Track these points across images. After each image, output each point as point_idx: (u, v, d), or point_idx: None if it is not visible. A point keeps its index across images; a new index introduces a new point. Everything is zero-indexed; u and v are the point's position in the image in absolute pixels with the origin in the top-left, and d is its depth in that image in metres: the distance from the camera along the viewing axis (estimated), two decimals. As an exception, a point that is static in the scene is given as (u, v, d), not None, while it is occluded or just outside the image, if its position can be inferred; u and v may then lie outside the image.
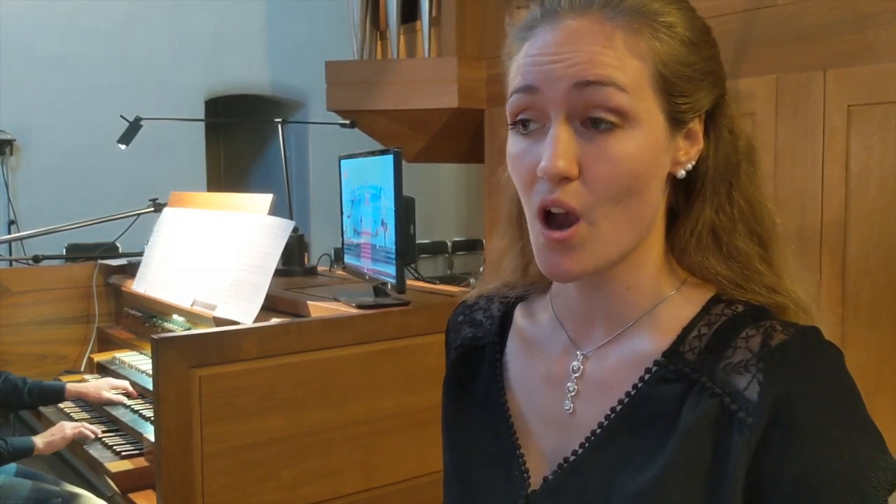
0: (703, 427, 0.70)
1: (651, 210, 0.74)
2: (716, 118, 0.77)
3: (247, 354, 1.89)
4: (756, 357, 0.70)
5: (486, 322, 0.91)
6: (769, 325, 0.72)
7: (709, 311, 0.75)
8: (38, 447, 2.39)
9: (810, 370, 0.70)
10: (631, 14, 0.71)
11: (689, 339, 0.74)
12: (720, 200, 0.77)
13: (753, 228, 0.78)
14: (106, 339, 3.26)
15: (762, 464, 0.68)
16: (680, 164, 0.75)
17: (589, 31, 0.70)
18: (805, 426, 0.68)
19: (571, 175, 0.69)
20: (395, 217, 2.11)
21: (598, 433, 0.77)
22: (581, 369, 0.80)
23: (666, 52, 0.71)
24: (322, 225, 6.42)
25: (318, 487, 1.99)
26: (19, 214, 5.46)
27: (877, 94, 3.19)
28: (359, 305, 2.15)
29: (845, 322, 3.30)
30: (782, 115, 3.49)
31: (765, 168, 3.16)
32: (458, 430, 0.89)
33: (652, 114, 0.71)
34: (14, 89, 5.47)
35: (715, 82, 0.76)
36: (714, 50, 0.77)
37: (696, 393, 0.72)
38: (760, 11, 3.54)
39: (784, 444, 0.68)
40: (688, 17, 0.74)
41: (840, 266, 3.30)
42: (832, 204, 3.32)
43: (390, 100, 4.03)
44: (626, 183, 0.70)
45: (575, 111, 0.70)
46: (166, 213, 3.14)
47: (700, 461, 0.70)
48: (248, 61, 6.49)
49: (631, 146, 0.69)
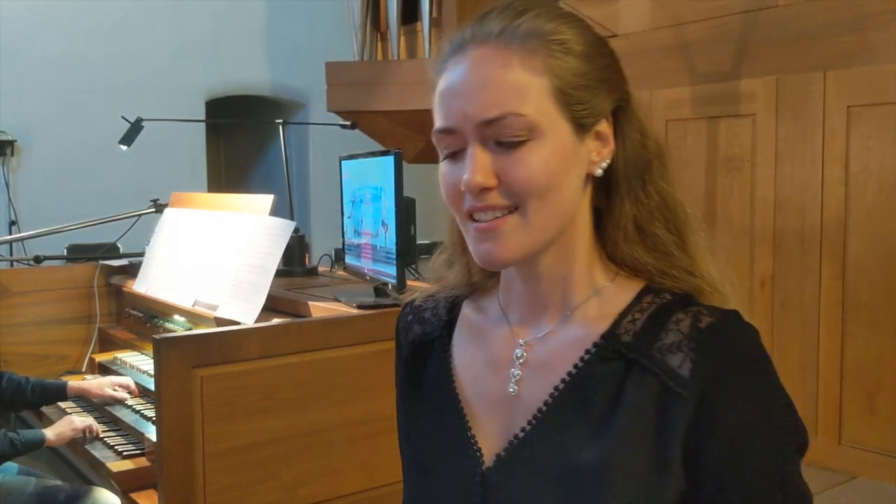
0: (647, 403, 0.79)
1: (570, 205, 0.83)
2: (621, 120, 0.86)
3: (248, 354, 1.89)
4: (687, 338, 0.79)
5: (433, 319, 1.00)
6: (696, 310, 0.81)
7: (641, 299, 0.85)
8: (49, 438, 2.39)
9: (735, 349, 0.79)
10: (526, 37, 0.80)
11: (625, 324, 0.83)
12: (637, 194, 0.86)
13: (668, 218, 0.87)
14: (107, 339, 3.27)
15: (696, 433, 0.77)
16: (595, 164, 0.85)
17: (490, 59, 0.80)
18: (732, 398, 0.77)
19: (490, 185, 0.80)
20: (396, 218, 2.11)
21: (543, 410, 0.85)
22: (524, 356, 0.88)
23: (560, 67, 0.81)
24: (323, 225, 6.42)
25: (318, 487, 2.00)
26: (20, 215, 5.46)
27: (876, 94, 3.19)
28: (359, 306, 2.16)
29: (845, 322, 3.31)
30: (782, 115, 3.49)
31: (765, 169, 3.17)
32: (414, 422, 0.97)
33: (555, 122, 0.80)
34: (15, 90, 5.47)
35: (612, 88, 0.84)
36: (609, 59, 0.85)
37: (638, 372, 0.81)
38: (761, 12, 3.55)
39: (714, 415, 0.77)
40: (580, 33, 0.83)
41: (840, 266, 3.30)
42: (832, 204, 3.33)
43: (391, 101, 4.03)
44: (543, 182, 0.80)
45: (487, 139, 0.80)
46: (167, 213, 3.14)
47: (646, 434, 0.79)
48: (248, 62, 6.49)
49: (540, 153, 0.79)
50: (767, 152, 3.53)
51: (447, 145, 0.83)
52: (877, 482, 3.16)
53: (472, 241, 0.83)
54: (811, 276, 3.39)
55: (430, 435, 0.93)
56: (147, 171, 5.58)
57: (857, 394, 3.25)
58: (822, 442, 3.30)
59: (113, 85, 5.76)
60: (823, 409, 3.31)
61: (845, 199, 3.28)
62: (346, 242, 2.52)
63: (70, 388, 2.66)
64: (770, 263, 3.51)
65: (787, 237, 3.47)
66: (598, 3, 4.08)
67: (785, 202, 3.47)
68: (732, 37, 3.64)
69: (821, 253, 3.36)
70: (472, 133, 0.80)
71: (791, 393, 0.81)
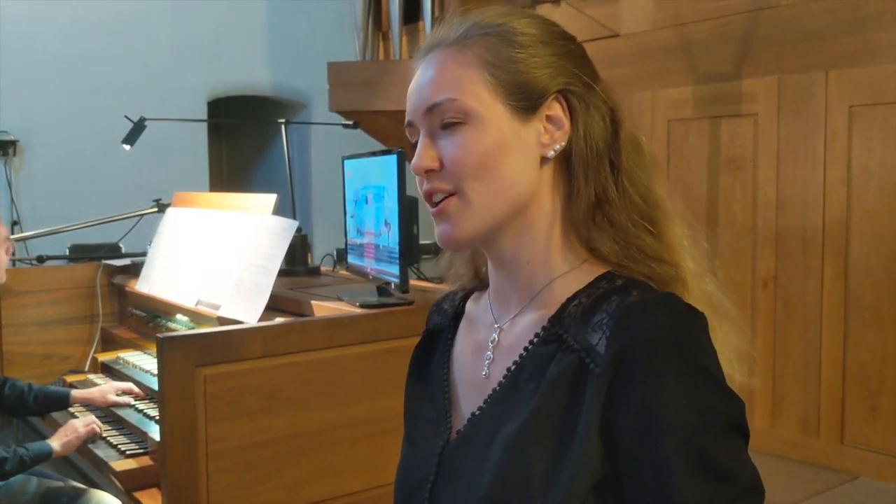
0: (563, 379, 0.82)
1: (515, 184, 0.87)
2: (575, 105, 0.89)
3: (251, 354, 1.90)
4: (609, 317, 0.81)
5: (449, 310, 1.06)
6: (629, 292, 0.83)
7: (593, 285, 0.87)
8: (56, 450, 2.36)
9: (650, 325, 0.78)
10: (465, 35, 0.89)
11: (570, 308, 0.86)
12: (599, 179, 0.88)
13: (637, 205, 0.89)
14: (110, 339, 3.27)
15: (611, 409, 0.78)
16: (546, 146, 0.88)
17: (437, 59, 0.90)
18: (641, 373, 0.77)
19: (432, 167, 0.88)
20: (399, 217, 2.12)
21: (496, 390, 0.89)
22: (496, 340, 0.93)
23: (493, 55, 0.87)
24: (325, 225, 6.43)
25: (321, 486, 2.00)
26: (23, 215, 5.46)
27: (878, 94, 3.19)
28: (362, 305, 2.16)
29: (847, 323, 3.31)
30: (784, 115, 3.49)
31: (767, 169, 3.17)
32: (413, 402, 1.04)
33: (490, 106, 0.86)
34: (16, 90, 5.48)
35: (557, 73, 0.88)
36: (557, 48, 0.90)
37: (563, 350, 0.84)
38: (763, 13, 3.55)
39: (625, 390, 0.78)
40: (526, 24, 0.89)
41: (842, 267, 3.30)
42: (834, 204, 3.33)
43: (392, 100, 4.04)
44: (476, 161, 0.86)
45: (433, 125, 0.89)
46: (169, 213, 3.15)
47: (556, 409, 0.81)
48: (250, 62, 6.49)
49: (474, 134, 0.86)
50: (769, 152, 3.53)
51: (412, 137, 0.92)
52: (879, 482, 3.16)
53: (434, 224, 0.90)
54: (813, 276, 3.39)
55: (420, 412, 1.00)
56: (149, 170, 5.58)
57: (859, 394, 3.24)
58: (824, 442, 3.30)
59: (115, 85, 5.77)
60: (826, 409, 3.31)
61: (847, 199, 3.28)
62: (348, 242, 2.52)
63: (73, 398, 2.65)
64: (772, 263, 3.51)
65: (789, 237, 3.47)
66: (600, 3, 4.08)
67: (787, 202, 3.47)
68: (734, 37, 3.64)
69: (823, 253, 3.36)
70: (422, 122, 0.90)
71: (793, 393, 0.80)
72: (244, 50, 6.43)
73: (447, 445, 0.92)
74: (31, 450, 2.33)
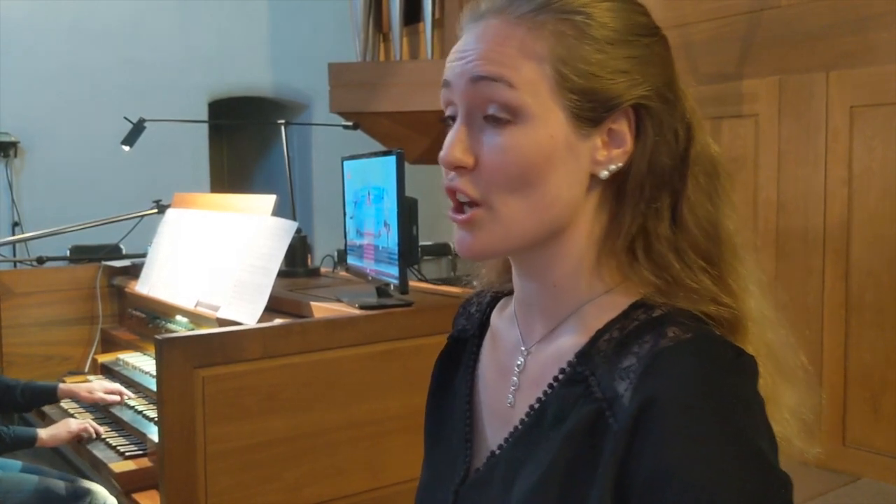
0: (581, 432, 0.70)
1: (557, 204, 0.74)
2: (644, 120, 0.75)
3: (250, 355, 1.89)
4: (639, 362, 0.69)
5: (475, 315, 0.95)
6: (664, 331, 0.70)
7: (627, 315, 0.74)
8: (42, 438, 2.38)
9: (682, 375, 0.66)
10: (540, 12, 0.73)
11: (600, 343, 0.73)
12: (658, 208, 0.75)
13: (696, 241, 0.75)
14: (110, 340, 3.27)
15: (627, 469, 0.66)
16: (600, 165, 0.74)
17: (494, 30, 0.74)
18: (663, 434, 0.64)
19: (464, 164, 0.74)
20: (398, 218, 2.11)
21: (518, 429, 0.78)
22: (523, 364, 0.82)
23: (566, 51, 0.72)
24: (325, 226, 6.43)
25: (321, 487, 1.99)
26: (23, 216, 5.47)
27: (879, 95, 3.19)
28: (362, 306, 2.15)
29: (849, 324, 3.30)
30: (785, 116, 3.49)
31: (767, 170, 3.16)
32: (434, 417, 0.93)
33: (548, 109, 0.72)
34: (18, 91, 5.48)
35: (633, 82, 0.74)
36: (641, 50, 0.75)
37: (586, 396, 0.71)
38: (764, 13, 3.54)
39: (643, 451, 0.65)
40: (610, 16, 0.74)
41: (843, 268, 3.29)
42: (835, 205, 3.32)
43: (393, 101, 4.03)
44: (517, 172, 0.72)
45: (474, 105, 0.74)
46: (170, 214, 3.14)
47: (571, 468, 0.70)
48: (250, 63, 6.50)
49: (520, 139, 0.72)
50: (770, 153, 3.53)
51: (449, 109, 0.78)
52: (881, 483, 3.16)
53: (454, 228, 0.77)
54: (814, 277, 3.38)
55: (439, 435, 0.91)
56: (150, 172, 5.59)
57: (861, 395, 3.24)
58: (826, 443, 3.29)
59: (116, 86, 5.77)
60: (828, 411, 3.30)
61: (848, 200, 3.28)
62: (348, 243, 2.52)
63: (60, 391, 2.65)
64: (773, 264, 3.50)
65: (790, 238, 3.46)
66: (600, 3, 4.07)
67: (788, 203, 3.47)
68: (736, 37, 3.64)
69: (824, 254, 3.36)
70: (461, 95, 0.75)
71: (794, 395, 0.75)
72: (245, 51, 6.43)
73: (463, 484, 0.83)
74: (14, 430, 2.33)
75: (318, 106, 6.26)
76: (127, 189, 5.42)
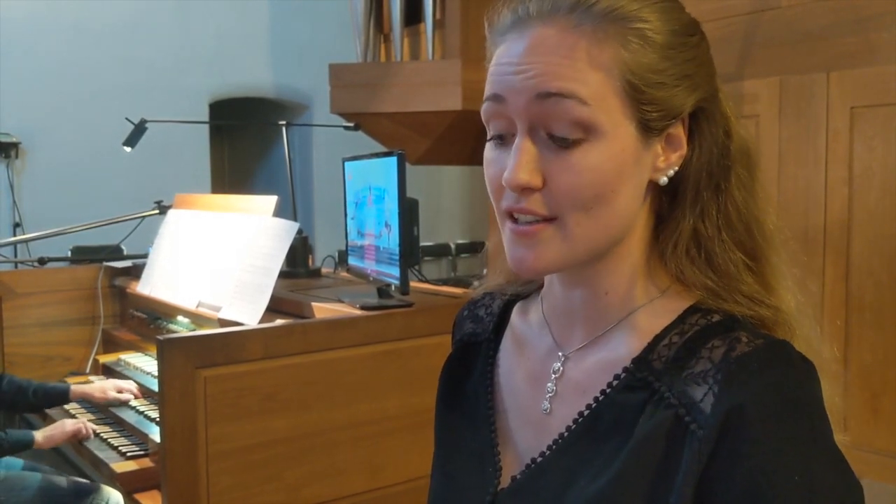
0: (657, 438, 0.69)
1: (624, 217, 0.73)
2: (700, 122, 0.74)
3: (251, 355, 1.90)
4: (715, 368, 0.68)
5: (486, 318, 0.92)
6: (735, 336, 0.70)
7: (684, 320, 0.74)
8: (38, 440, 2.40)
9: (767, 383, 0.67)
10: (599, 20, 0.70)
11: (659, 348, 0.73)
12: (704, 207, 0.75)
13: (740, 238, 0.76)
14: (111, 340, 3.27)
15: (712, 477, 0.66)
16: (660, 171, 0.74)
17: (554, 40, 0.70)
18: (753, 440, 0.65)
19: (534, 186, 0.70)
20: (399, 219, 2.11)
21: (565, 436, 0.76)
22: (561, 370, 0.80)
23: (634, 61, 0.70)
24: (326, 227, 6.43)
25: (322, 488, 2.00)
26: (24, 217, 5.47)
27: (879, 95, 3.19)
28: (363, 307, 2.16)
29: (849, 324, 3.30)
30: (785, 116, 3.49)
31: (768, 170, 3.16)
32: (447, 424, 0.90)
33: (618, 123, 0.70)
34: (19, 92, 5.49)
35: (695, 85, 0.73)
36: (695, 51, 0.74)
37: (655, 402, 0.71)
38: (764, 14, 3.55)
39: (731, 459, 0.66)
40: (665, 18, 0.72)
41: (844, 268, 3.29)
42: (835, 205, 3.32)
43: (394, 102, 4.03)
44: (591, 193, 0.70)
45: (538, 122, 0.70)
46: (171, 215, 3.15)
47: (649, 472, 0.69)
48: (251, 64, 6.50)
49: (594, 158, 0.69)
50: (770, 153, 3.53)
51: (495, 124, 0.73)
52: (881, 484, 3.16)
53: (508, 242, 0.74)
54: (815, 278, 3.38)
55: (458, 441, 0.87)
56: (151, 172, 5.59)
57: (861, 395, 3.24)
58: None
59: (117, 87, 5.78)
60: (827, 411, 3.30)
61: (849, 200, 3.28)
62: (349, 243, 2.52)
63: (73, 393, 2.66)
64: (773, 264, 3.50)
65: (790, 238, 3.46)
66: (601, 4, 4.08)
67: (788, 203, 3.47)
68: (736, 38, 3.64)
69: (824, 254, 3.36)
70: (523, 112, 0.70)
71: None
72: (246, 52, 6.44)
73: (499, 493, 0.79)
74: (11, 435, 2.34)
75: (319, 106, 6.27)
76: (128, 190, 5.43)
